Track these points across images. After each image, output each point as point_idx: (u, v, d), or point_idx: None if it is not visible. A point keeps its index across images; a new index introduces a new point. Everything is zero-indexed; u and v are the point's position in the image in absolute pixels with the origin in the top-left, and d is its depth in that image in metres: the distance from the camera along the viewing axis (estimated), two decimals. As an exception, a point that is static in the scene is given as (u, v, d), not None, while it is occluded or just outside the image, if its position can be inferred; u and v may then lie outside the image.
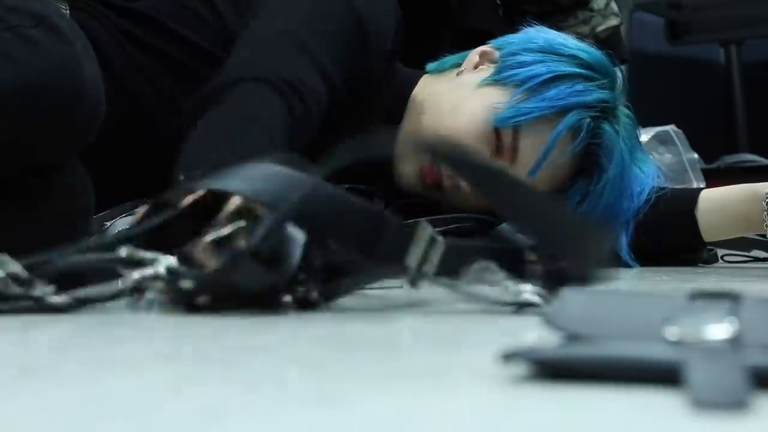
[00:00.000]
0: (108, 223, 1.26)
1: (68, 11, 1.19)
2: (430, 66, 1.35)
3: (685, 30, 3.58)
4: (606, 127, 1.23)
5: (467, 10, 1.85)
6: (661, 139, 2.04)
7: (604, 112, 1.24)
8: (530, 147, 1.22)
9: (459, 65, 1.31)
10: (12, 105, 0.83)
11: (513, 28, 1.35)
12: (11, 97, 0.83)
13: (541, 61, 1.24)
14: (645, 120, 2.04)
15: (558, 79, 1.23)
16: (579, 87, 1.23)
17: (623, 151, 1.25)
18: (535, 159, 1.22)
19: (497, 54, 1.28)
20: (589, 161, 1.25)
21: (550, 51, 1.25)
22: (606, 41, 1.91)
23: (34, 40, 0.85)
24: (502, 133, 1.22)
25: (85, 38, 0.90)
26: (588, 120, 1.22)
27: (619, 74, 1.30)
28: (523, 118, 1.21)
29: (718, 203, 1.28)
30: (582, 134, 1.22)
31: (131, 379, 0.45)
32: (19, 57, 0.84)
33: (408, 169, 1.27)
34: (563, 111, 1.21)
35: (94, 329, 0.65)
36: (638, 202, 1.27)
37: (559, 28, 1.39)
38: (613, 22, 1.99)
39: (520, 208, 0.82)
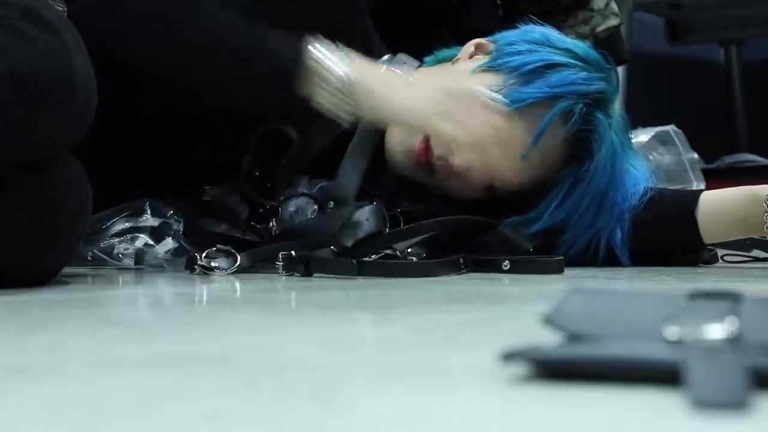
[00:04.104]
0: (108, 223, 1.26)
1: (66, 9, 1.19)
2: (427, 60, 1.36)
3: (685, 30, 3.58)
4: (598, 114, 1.25)
5: (467, 10, 1.85)
6: (661, 139, 2.04)
7: (597, 101, 1.25)
8: (522, 130, 1.23)
9: (453, 56, 1.32)
10: (1, 95, 0.82)
11: (512, 28, 1.36)
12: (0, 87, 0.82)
13: (536, 51, 1.26)
14: (645, 120, 2.04)
15: (552, 66, 1.24)
16: (577, 75, 1.24)
17: (614, 140, 1.26)
18: (526, 142, 1.22)
19: (492, 46, 1.30)
20: (580, 147, 1.26)
21: (545, 43, 1.27)
22: (606, 41, 1.91)
23: (21, 31, 0.84)
24: None
25: (75, 31, 0.90)
26: (581, 106, 1.23)
27: (613, 72, 1.31)
28: (520, 104, 1.22)
29: (718, 205, 1.28)
30: (574, 118, 1.23)
31: (131, 379, 0.45)
32: (5, 47, 0.83)
33: (398, 148, 1.27)
34: (557, 97, 1.22)
35: (94, 329, 0.65)
36: (633, 196, 1.28)
37: (559, 28, 1.40)
38: (613, 22, 1.99)
39: None
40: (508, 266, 1.15)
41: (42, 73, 0.83)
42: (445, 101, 1.19)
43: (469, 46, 1.32)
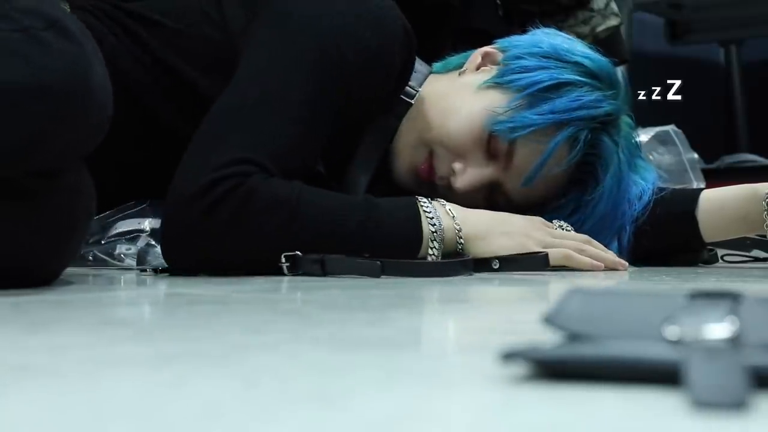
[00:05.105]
0: (109, 223, 1.26)
1: (68, 9, 1.19)
2: (436, 66, 1.35)
3: (685, 30, 3.59)
4: (604, 138, 1.23)
5: (468, 10, 1.85)
6: (661, 139, 2.04)
7: (604, 124, 1.23)
8: (525, 156, 1.21)
9: (462, 65, 1.31)
10: (22, 104, 0.83)
11: (512, 28, 1.36)
12: (22, 97, 0.83)
13: (544, 68, 1.23)
14: (645, 120, 2.04)
15: (560, 86, 1.22)
16: (585, 99, 1.21)
17: (621, 162, 1.24)
18: (529, 167, 1.21)
19: (500, 56, 1.28)
20: (584, 171, 1.24)
21: (554, 57, 1.24)
22: (606, 41, 1.92)
23: (45, 42, 0.85)
24: (499, 138, 1.21)
25: (93, 41, 0.91)
26: (586, 132, 1.21)
27: (622, 82, 1.29)
28: (524, 131, 1.20)
29: (718, 203, 1.28)
30: (579, 146, 1.21)
31: (131, 378, 0.45)
32: (30, 57, 0.84)
33: (403, 164, 1.27)
34: (562, 123, 1.21)
35: (95, 329, 0.65)
36: (638, 207, 1.27)
37: (559, 28, 1.39)
38: (613, 22, 1.99)
39: None
40: (498, 265, 1.15)
41: (63, 84, 0.84)
42: (538, 233, 1.19)
43: (477, 56, 1.29)
